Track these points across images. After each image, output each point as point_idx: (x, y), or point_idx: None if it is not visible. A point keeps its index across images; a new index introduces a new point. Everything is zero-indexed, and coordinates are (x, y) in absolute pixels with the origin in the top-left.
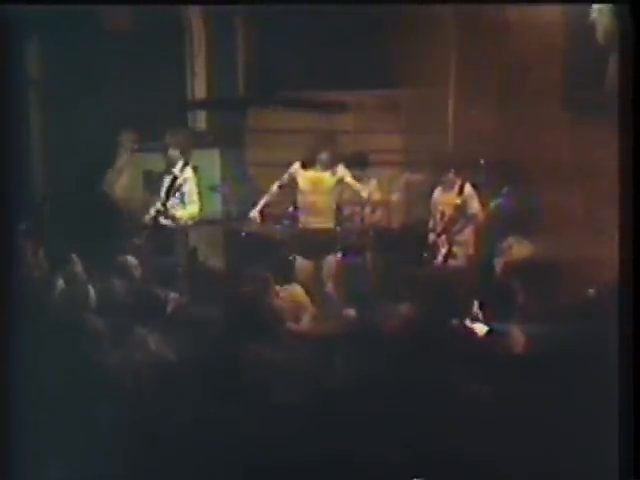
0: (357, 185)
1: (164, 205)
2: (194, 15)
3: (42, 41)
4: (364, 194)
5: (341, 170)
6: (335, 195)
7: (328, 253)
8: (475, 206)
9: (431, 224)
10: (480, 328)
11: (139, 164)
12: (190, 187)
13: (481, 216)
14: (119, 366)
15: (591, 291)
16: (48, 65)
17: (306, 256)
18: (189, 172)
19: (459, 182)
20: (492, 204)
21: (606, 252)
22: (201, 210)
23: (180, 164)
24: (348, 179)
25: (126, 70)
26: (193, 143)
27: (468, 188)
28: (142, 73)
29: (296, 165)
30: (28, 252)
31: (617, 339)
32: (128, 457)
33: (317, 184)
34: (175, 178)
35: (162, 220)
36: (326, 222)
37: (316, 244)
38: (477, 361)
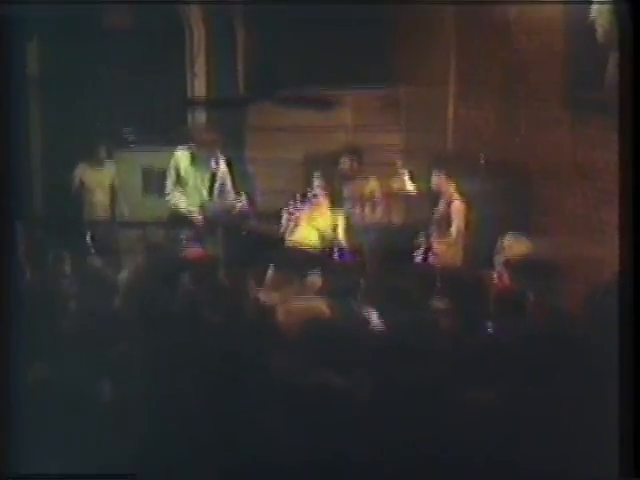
0: None
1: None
2: (194, 15)
3: (42, 41)
4: None
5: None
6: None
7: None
8: (458, 224)
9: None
10: None
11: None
12: (229, 180)
13: (462, 234)
14: (120, 361)
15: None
16: (48, 65)
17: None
18: (224, 166)
19: (449, 192)
20: None
21: (606, 252)
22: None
23: (214, 160)
24: None
25: (126, 69)
26: (218, 141)
27: (456, 205)
28: (142, 72)
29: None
30: (27, 251)
31: (617, 339)
32: (129, 454)
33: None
34: (214, 174)
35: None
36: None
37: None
38: (476, 360)
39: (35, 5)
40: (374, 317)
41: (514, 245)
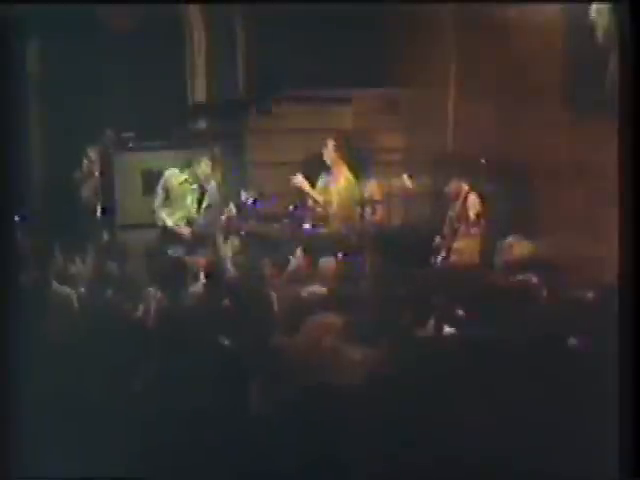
0: (312, 193)
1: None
2: (194, 15)
3: (42, 41)
4: (319, 198)
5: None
6: None
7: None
8: (475, 213)
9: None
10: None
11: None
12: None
13: (481, 225)
14: (118, 363)
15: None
16: (48, 65)
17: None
18: (214, 185)
19: (465, 190)
20: None
21: (606, 252)
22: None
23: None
24: (307, 189)
25: (126, 70)
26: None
27: (472, 198)
28: (142, 73)
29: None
30: (26, 250)
31: (617, 339)
32: (128, 453)
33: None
34: (204, 192)
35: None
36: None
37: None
38: (476, 360)
39: (35, 5)
40: None
41: (515, 246)
